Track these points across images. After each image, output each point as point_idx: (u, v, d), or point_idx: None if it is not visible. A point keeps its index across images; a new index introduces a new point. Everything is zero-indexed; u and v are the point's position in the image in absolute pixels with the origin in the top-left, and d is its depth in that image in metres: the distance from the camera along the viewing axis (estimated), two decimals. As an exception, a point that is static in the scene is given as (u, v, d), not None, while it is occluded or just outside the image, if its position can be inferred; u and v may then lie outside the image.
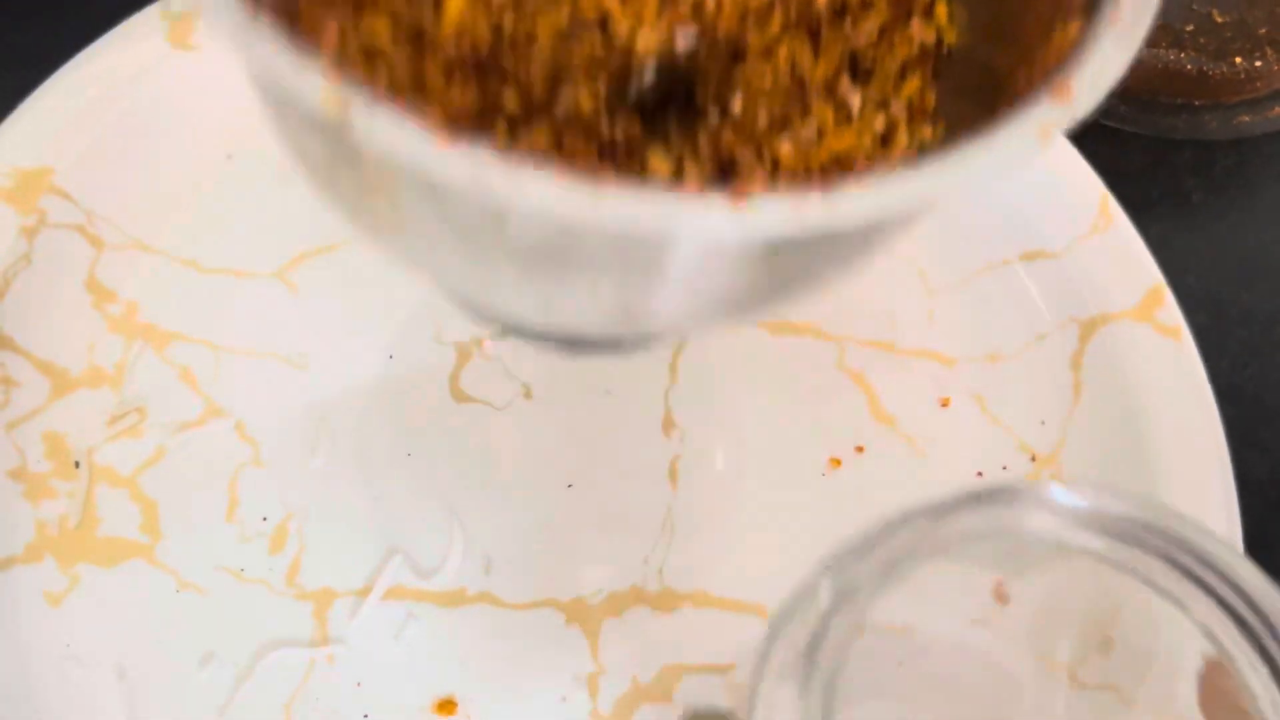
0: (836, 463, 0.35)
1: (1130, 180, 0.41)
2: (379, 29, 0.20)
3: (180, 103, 0.36)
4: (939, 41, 0.23)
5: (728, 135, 0.21)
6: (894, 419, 0.36)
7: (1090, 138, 0.39)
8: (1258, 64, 0.38)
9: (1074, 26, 0.18)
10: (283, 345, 0.35)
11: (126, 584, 0.32)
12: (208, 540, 0.33)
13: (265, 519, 0.33)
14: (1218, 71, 0.38)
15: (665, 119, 0.21)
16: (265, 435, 0.34)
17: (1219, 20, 0.41)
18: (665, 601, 0.33)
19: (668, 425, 0.35)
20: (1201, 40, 0.40)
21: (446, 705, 0.32)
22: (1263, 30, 0.41)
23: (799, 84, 0.22)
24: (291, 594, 0.32)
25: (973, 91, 0.22)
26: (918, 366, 0.36)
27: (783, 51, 0.22)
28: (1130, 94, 0.39)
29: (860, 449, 0.35)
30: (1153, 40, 0.39)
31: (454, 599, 0.33)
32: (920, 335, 0.37)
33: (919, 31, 0.23)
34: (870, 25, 0.22)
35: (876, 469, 0.35)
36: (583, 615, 0.33)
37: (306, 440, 0.34)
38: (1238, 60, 0.38)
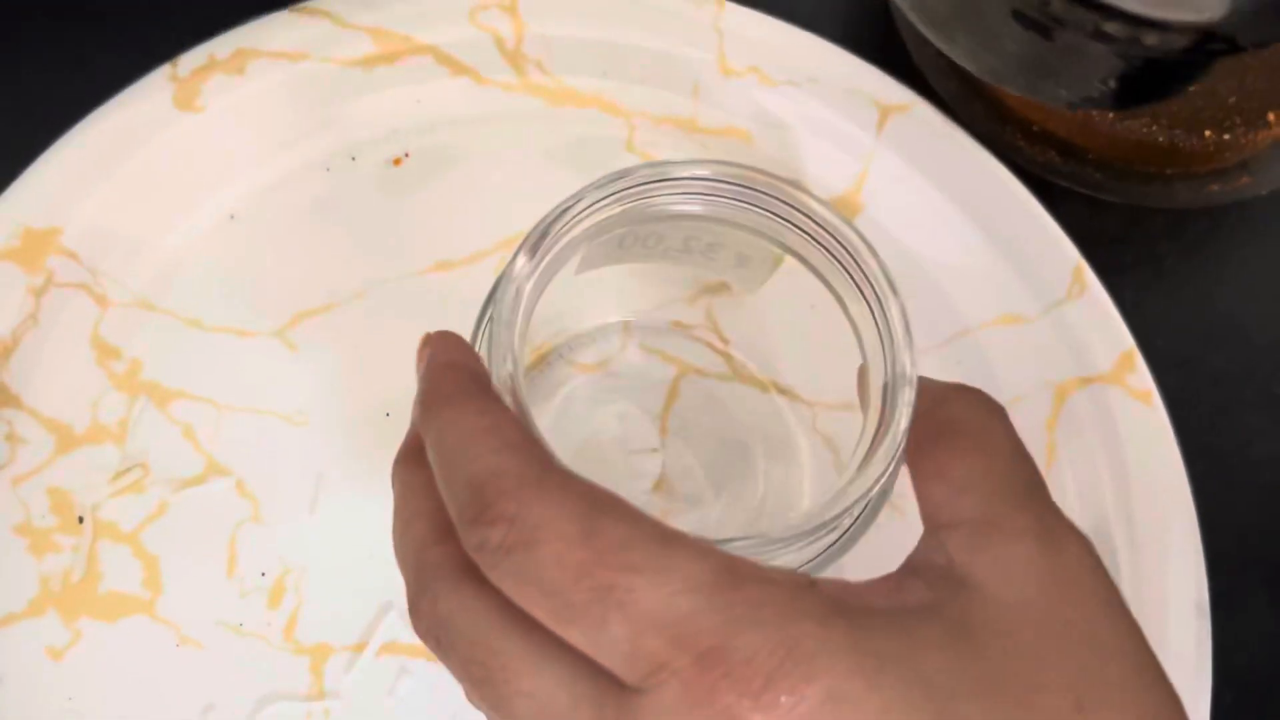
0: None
1: (1105, 245, 0.42)
2: None
3: (185, 164, 0.37)
4: None
5: None
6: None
7: (1066, 204, 0.40)
8: (1226, 136, 0.39)
9: None
10: (283, 403, 0.36)
11: (128, 638, 0.33)
12: (207, 595, 0.34)
13: (264, 574, 0.34)
14: (1188, 143, 0.39)
15: None
16: (264, 492, 0.35)
17: (1191, 89, 0.43)
18: (652, 657, 0.34)
19: (659, 486, 0.36)
20: (1174, 108, 0.42)
21: (439, 759, 0.33)
22: (1232, 99, 0.42)
23: None
24: (289, 648, 0.33)
25: None
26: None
27: None
28: (1105, 163, 0.41)
29: (842, 508, 0.37)
30: (1128, 111, 0.41)
31: (447, 654, 0.34)
32: (901, 397, 0.38)
33: None
34: None
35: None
36: (572, 670, 0.34)
37: (304, 496, 0.35)
38: (1208, 133, 0.40)
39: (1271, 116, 0.40)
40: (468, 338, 0.29)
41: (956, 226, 0.40)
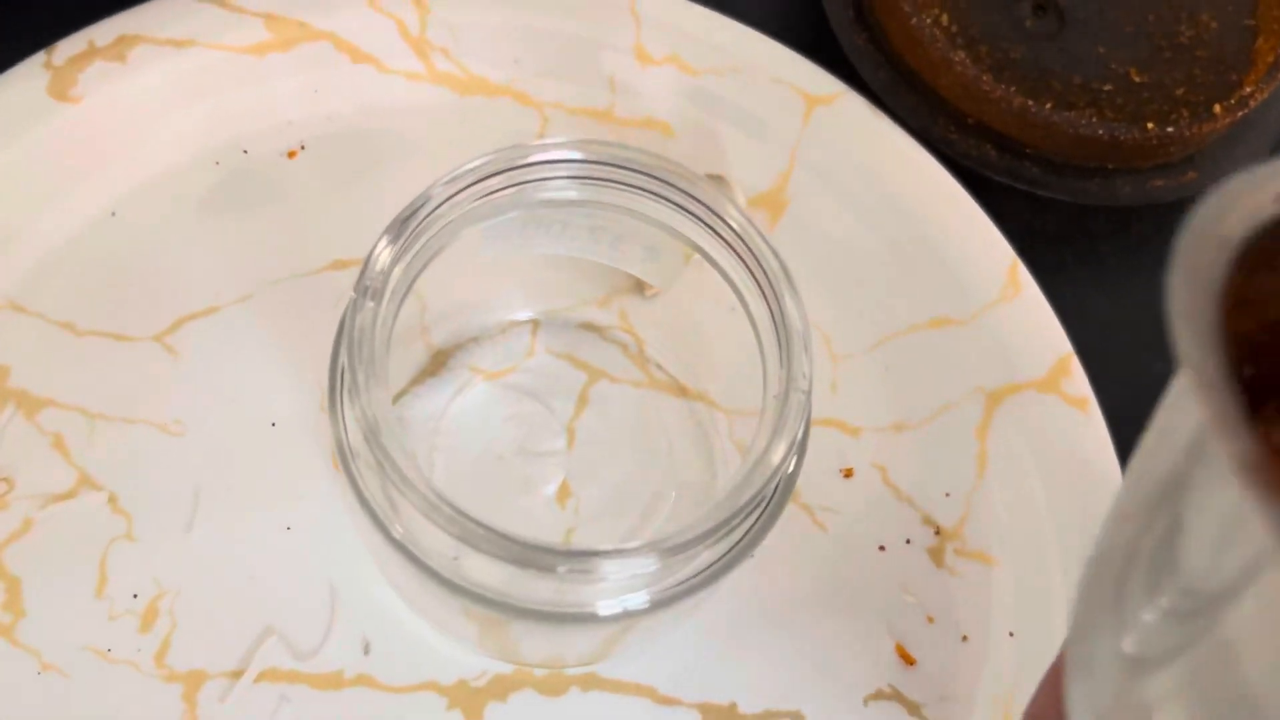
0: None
1: (1045, 243, 0.40)
2: None
3: (60, 157, 0.35)
4: None
5: None
6: (794, 490, 0.35)
7: (1004, 201, 0.38)
8: (1169, 129, 0.37)
9: None
10: (160, 412, 0.34)
11: (-16, 666, 0.31)
12: (74, 619, 0.31)
13: (136, 596, 0.32)
14: (1130, 137, 0.37)
15: None
16: (139, 508, 0.33)
17: (1137, 80, 0.41)
18: (552, 685, 0.32)
19: (562, 495, 0.34)
20: (1119, 101, 0.40)
21: (319, 794, 0.30)
22: (1180, 91, 0.40)
23: None
24: (160, 675, 0.31)
25: None
26: (820, 435, 0.35)
27: None
28: (1043, 157, 0.39)
29: (759, 523, 0.34)
30: (1070, 100, 0.39)
31: (331, 681, 0.32)
32: (823, 404, 0.36)
33: None
34: None
35: (775, 542, 0.34)
36: (465, 699, 0.32)
37: (181, 513, 0.33)
38: (1150, 126, 0.37)
39: (1218, 109, 0.38)
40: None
41: (885, 223, 0.38)
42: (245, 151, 0.37)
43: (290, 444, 0.34)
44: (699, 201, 0.28)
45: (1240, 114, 0.38)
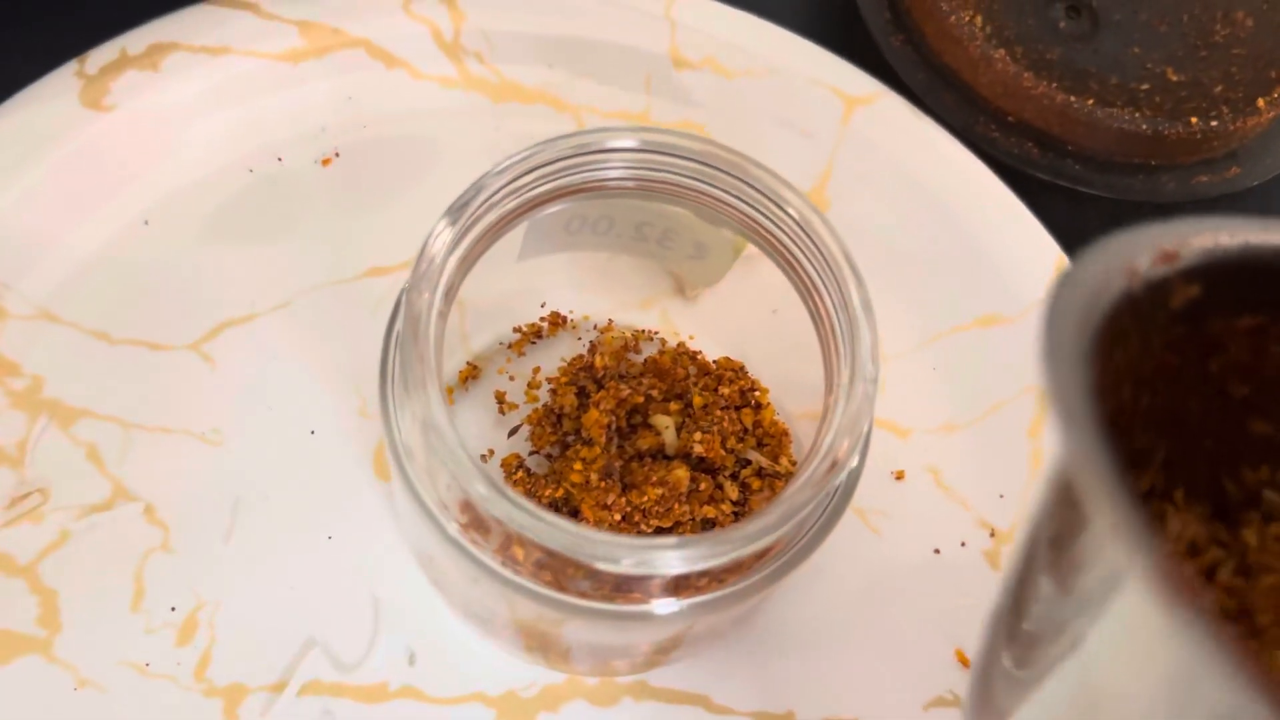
0: (786, 541, 0.33)
1: (1088, 243, 0.39)
2: None
3: (93, 167, 0.35)
4: None
5: None
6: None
7: (1045, 200, 0.37)
8: (1213, 124, 0.37)
9: None
10: (197, 421, 0.33)
11: (20, 682, 0.30)
12: (111, 633, 0.30)
13: (174, 609, 0.31)
14: (1173, 131, 0.37)
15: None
16: (176, 518, 0.32)
17: (1174, 79, 0.40)
18: (604, 694, 0.31)
19: (607, 503, 0.33)
20: (1157, 99, 0.40)
21: (366, 811, 0.29)
22: (1218, 89, 0.40)
23: None
24: (200, 690, 0.30)
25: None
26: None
27: None
28: (1085, 154, 0.38)
29: (810, 526, 0.34)
30: (1108, 100, 0.38)
31: (375, 694, 0.31)
32: (872, 405, 0.35)
33: None
34: None
35: (829, 546, 0.33)
36: (515, 710, 0.31)
37: (220, 523, 0.32)
38: (1193, 120, 0.37)
39: (1262, 103, 0.38)
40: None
41: (928, 223, 0.37)
42: (280, 159, 0.36)
43: (330, 452, 0.33)
44: (755, 189, 0.27)
45: (1283, 108, 0.37)
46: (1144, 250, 0.18)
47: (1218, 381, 0.20)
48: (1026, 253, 0.36)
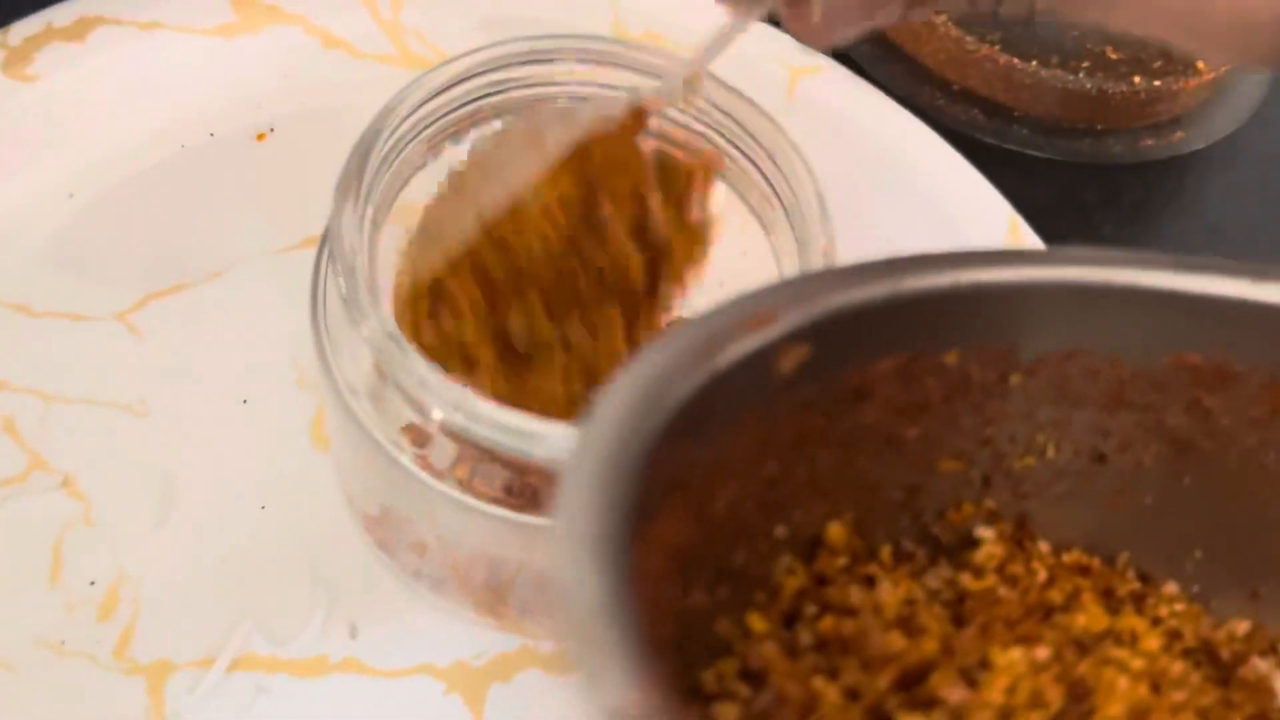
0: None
1: (1039, 213, 0.39)
2: None
3: (14, 137, 0.33)
4: None
5: None
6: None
7: (995, 167, 0.37)
8: (1156, 83, 0.37)
9: None
10: (122, 393, 0.31)
11: (-78, 664, 0.27)
12: (24, 610, 0.28)
13: (93, 583, 0.29)
14: (1117, 91, 0.37)
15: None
16: (98, 491, 0.30)
17: (1113, 57, 0.41)
18: (560, 662, 0.29)
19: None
20: (1099, 75, 0.40)
21: (304, 792, 0.27)
22: (1157, 64, 0.40)
23: None
24: (121, 668, 0.28)
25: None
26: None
27: None
28: (1031, 118, 0.38)
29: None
30: (1052, 66, 0.39)
31: (314, 668, 0.28)
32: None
33: None
34: None
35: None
36: (465, 681, 0.29)
37: (145, 495, 0.30)
38: (1136, 79, 0.37)
39: (1201, 65, 0.38)
40: None
41: (878, 190, 0.36)
42: (212, 134, 0.35)
43: (265, 423, 0.31)
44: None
45: (1223, 69, 0.38)
46: (723, 331, 0.16)
47: (883, 430, 0.19)
48: (979, 213, 0.36)
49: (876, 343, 0.18)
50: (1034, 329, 0.19)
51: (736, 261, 0.31)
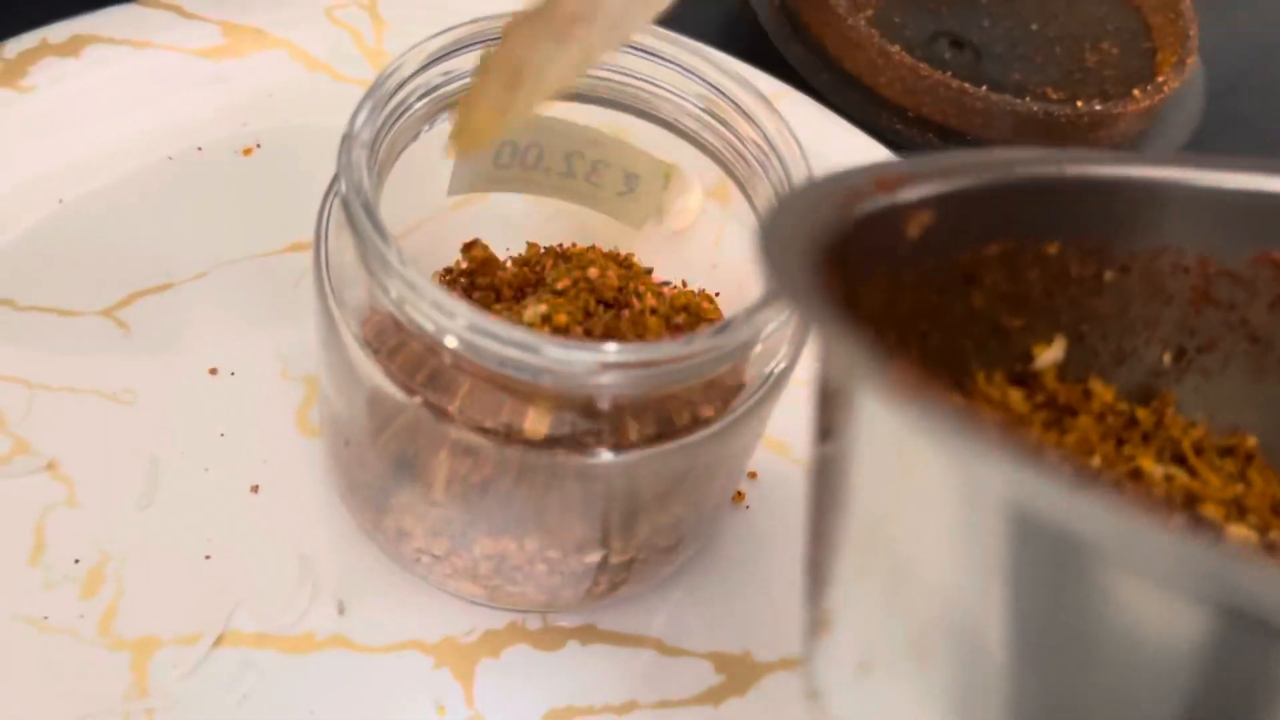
0: (740, 497, 0.33)
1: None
2: None
3: (9, 143, 0.34)
4: None
5: None
6: (784, 445, 0.34)
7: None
8: (1098, 106, 0.40)
9: None
10: (109, 382, 0.31)
11: (-102, 640, 0.27)
12: (2, 587, 0.28)
13: (78, 561, 0.28)
14: (1063, 113, 0.39)
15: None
16: (83, 474, 0.30)
17: (1054, 96, 0.43)
18: (549, 639, 0.29)
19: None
20: (1051, 81, 0.42)
21: (291, 764, 0.27)
22: (1095, 103, 0.43)
23: None
24: (104, 644, 0.27)
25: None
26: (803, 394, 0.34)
27: None
28: (984, 140, 0.40)
29: (754, 475, 0.33)
30: (1001, 91, 0.41)
31: (301, 644, 0.28)
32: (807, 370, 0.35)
33: None
34: None
35: (776, 489, 0.33)
36: (454, 656, 0.29)
37: (130, 478, 0.30)
38: (1079, 104, 0.40)
39: (1138, 92, 0.41)
40: None
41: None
42: (199, 149, 0.36)
43: (252, 410, 0.31)
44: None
45: (1159, 97, 0.40)
46: (864, 181, 0.18)
47: (988, 318, 0.20)
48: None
49: (988, 226, 0.19)
50: (1128, 226, 0.20)
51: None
